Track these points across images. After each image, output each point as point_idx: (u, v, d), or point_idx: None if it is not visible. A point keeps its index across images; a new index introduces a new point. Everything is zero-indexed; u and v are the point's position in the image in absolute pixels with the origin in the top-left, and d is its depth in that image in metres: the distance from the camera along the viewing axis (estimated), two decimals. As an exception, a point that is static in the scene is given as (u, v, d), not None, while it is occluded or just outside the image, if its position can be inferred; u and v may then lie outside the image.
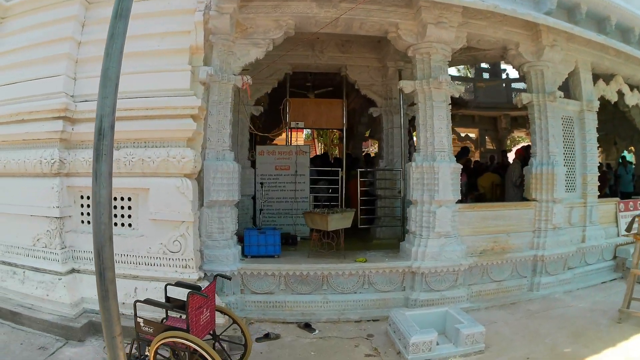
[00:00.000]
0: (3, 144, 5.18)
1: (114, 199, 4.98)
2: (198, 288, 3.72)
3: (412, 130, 8.53)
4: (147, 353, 3.48)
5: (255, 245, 5.74)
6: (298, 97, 8.89)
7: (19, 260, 5.01)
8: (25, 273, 4.90)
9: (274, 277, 5.42)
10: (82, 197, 5.02)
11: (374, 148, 15.63)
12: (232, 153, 5.51)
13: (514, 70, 7.55)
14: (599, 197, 7.26)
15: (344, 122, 8.32)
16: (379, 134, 8.42)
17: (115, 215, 5.01)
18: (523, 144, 12.65)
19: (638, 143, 11.45)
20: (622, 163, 10.96)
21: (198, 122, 4.96)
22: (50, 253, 4.89)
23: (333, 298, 5.45)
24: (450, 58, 6.02)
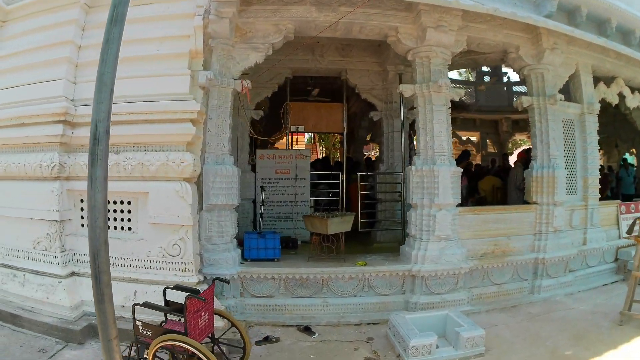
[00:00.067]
0: (3, 148, 5.20)
1: (114, 203, 5.02)
2: (196, 291, 3.73)
3: (412, 134, 8.51)
4: (145, 356, 3.48)
5: (255, 249, 5.73)
6: (299, 101, 8.90)
7: (19, 263, 5.03)
8: (26, 276, 4.92)
9: (274, 280, 5.41)
10: (82, 200, 5.02)
11: (375, 152, 15.61)
12: (231, 157, 5.51)
13: (515, 74, 7.53)
14: (601, 199, 7.24)
15: (344, 126, 8.31)
16: (380, 138, 8.42)
17: (115, 219, 5.04)
18: (525, 147, 12.62)
19: (639, 145, 11.43)
20: (623, 165, 10.93)
21: (197, 126, 4.97)
22: (50, 256, 4.90)
23: (333, 301, 5.43)
24: (450, 62, 6.02)
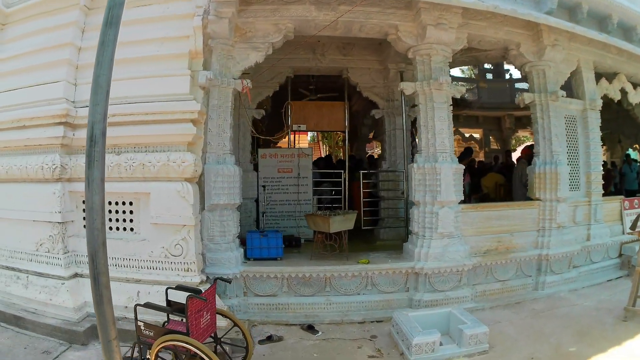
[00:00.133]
0: (5, 150, 5.23)
1: (116, 204, 5.05)
2: (198, 291, 3.73)
3: (414, 132, 8.48)
4: (148, 356, 3.48)
5: (258, 248, 5.73)
6: (300, 100, 8.89)
7: (23, 265, 5.05)
8: (29, 278, 4.94)
9: (277, 279, 5.41)
10: (83, 202, 5.00)
11: (378, 150, 15.60)
12: (232, 157, 5.51)
13: (517, 70, 7.51)
14: (604, 195, 7.20)
15: (346, 124, 8.30)
16: (382, 136, 8.41)
17: (117, 220, 5.06)
18: (529, 143, 12.58)
19: (642, 141, 11.43)
20: (626, 161, 10.89)
21: (198, 126, 4.97)
22: (53, 258, 4.92)
23: (336, 300, 5.43)
24: (451, 59, 6.00)
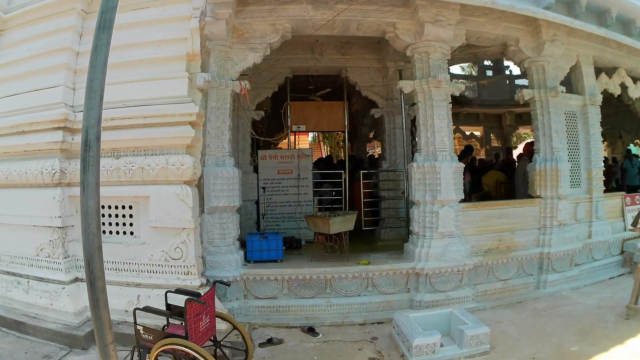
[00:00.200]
0: (5, 156, 5.23)
1: (115, 208, 5.04)
2: (197, 295, 3.72)
3: (414, 131, 8.46)
4: (148, 360, 3.48)
5: (258, 250, 5.71)
6: (300, 100, 8.87)
7: (23, 270, 5.05)
8: (30, 283, 4.94)
9: (277, 281, 5.40)
10: (84, 206, 5.03)
11: (378, 149, 15.57)
12: (232, 159, 5.50)
13: (517, 67, 7.46)
14: (605, 191, 7.15)
15: (346, 124, 8.27)
16: (382, 135, 8.38)
17: (117, 224, 5.06)
18: (530, 140, 12.53)
19: (643, 136, 11.36)
20: (627, 156, 10.81)
21: (196, 128, 4.97)
22: (54, 262, 4.92)
23: (337, 301, 5.41)
24: (450, 56, 5.97)
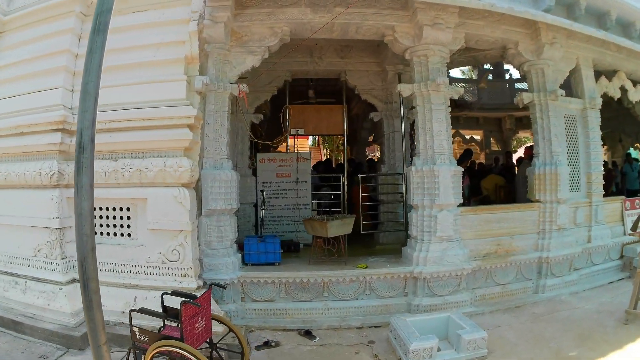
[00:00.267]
0: (3, 157, 5.25)
1: (113, 210, 5.05)
2: (193, 297, 3.71)
3: (413, 134, 8.45)
4: (143, 362, 3.47)
5: (256, 253, 5.70)
6: (299, 103, 8.87)
7: (21, 271, 5.07)
8: (27, 283, 4.95)
9: (274, 284, 5.38)
10: (81, 208, 5.03)
11: (378, 153, 15.56)
12: (229, 162, 5.50)
13: (517, 70, 7.46)
14: (605, 195, 7.13)
15: (345, 127, 8.27)
16: (381, 139, 8.38)
17: (115, 226, 5.06)
18: (530, 144, 12.52)
19: (644, 140, 11.32)
20: (627, 160, 10.74)
21: (195, 131, 4.98)
22: (51, 263, 4.93)
23: (334, 305, 5.39)
24: (449, 60, 5.96)
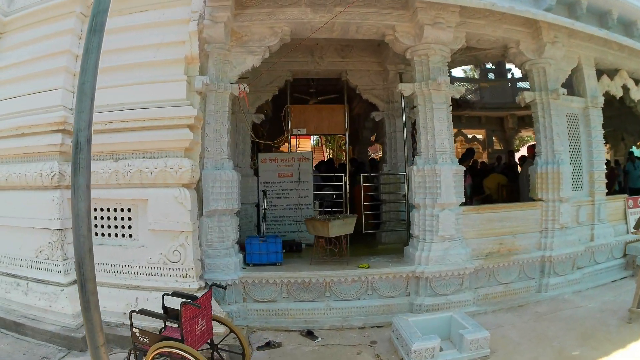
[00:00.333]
0: (4, 158, 5.26)
1: (114, 210, 5.06)
2: (194, 297, 3.71)
3: (415, 134, 8.42)
4: (144, 363, 3.47)
5: (257, 254, 5.68)
6: (301, 103, 8.86)
7: (23, 272, 5.08)
8: (29, 284, 4.97)
9: (276, 285, 5.37)
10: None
11: (380, 152, 15.52)
12: (230, 162, 5.48)
13: (518, 69, 7.43)
14: (608, 194, 7.09)
15: (346, 127, 8.25)
16: (382, 138, 8.36)
17: (116, 227, 5.07)
18: (533, 143, 12.46)
19: (646, 138, 11.25)
20: (630, 159, 10.62)
21: (195, 131, 4.98)
22: (53, 264, 4.94)
23: (336, 305, 5.38)
24: (450, 59, 5.93)
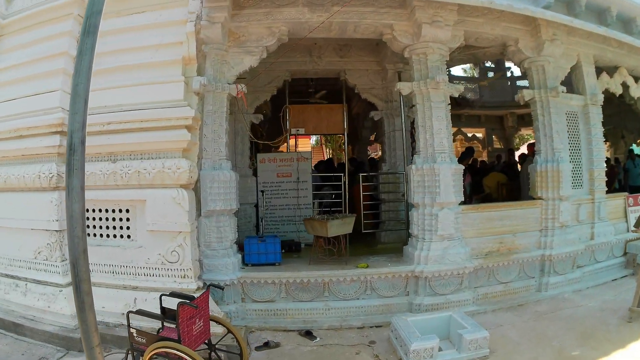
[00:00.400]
0: (3, 160, 5.28)
1: (112, 212, 5.05)
2: (191, 298, 3.70)
3: (414, 133, 8.40)
4: (141, 364, 3.46)
5: (256, 254, 5.67)
6: (300, 103, 8.85)
7: (21, 273, 5.10)
8: (27, 285, 4.98)
9: (275, 285, 5.36)
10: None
11: (379, 152, 15.50)
12: (228, 162, 5.48)
13: (517, 67, 7.40)
14: (608, 192, 7.06)
15: (345, 126, 8.24)
16: (382, 138, 8.33)
17: (115, 227, 5.07)
18: (533, 141, 12.41)
19: (646, 136, 11.21)
20: (630, 156, 10.56)
21: (193, 132, 4.98)
22: (51, 265, 4.95)
23: (335, 305, 5.37)
24: (448, 57, 5.92)
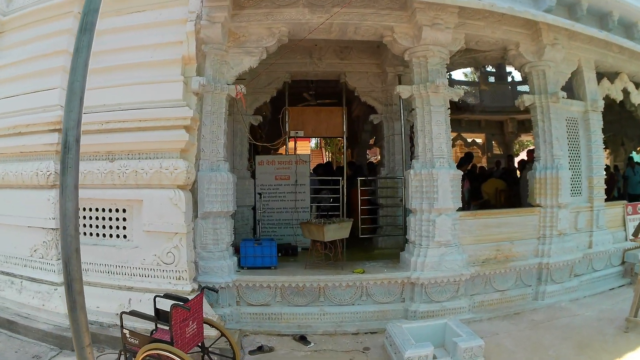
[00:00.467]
0: (1, 157, 5.29)
1: (109, 211, 5.04)
2: (185, 300, 3.69)
3: (413, 137, 8.38)
4: (134, 365, 3.44)
5: (252, 257, 5.64)
6: (299, 105, 8.83)
7: (17, 270, 5.10)
8: (23, 283, 4.98)
9: (270, 288, 5.32)
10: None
11: (378, 156, 15.49)
12: (226, 164, 5.45)
13: (518, 72, 7.38)
14: (607, 200, 7.02)
15: (344, 129, 8.22)
16: (381, 141, 8.32)
17: (111, 227, 5.06)
18: (533, 147, 12.38)
19: (646, 143, 11.17)
20: (629, 164, 10.50)
21: (191, 133, 4.96)
22: (47, 264, 4.95)
23: (330, 310, 5.33)
24: (449, 61, 5.88)
